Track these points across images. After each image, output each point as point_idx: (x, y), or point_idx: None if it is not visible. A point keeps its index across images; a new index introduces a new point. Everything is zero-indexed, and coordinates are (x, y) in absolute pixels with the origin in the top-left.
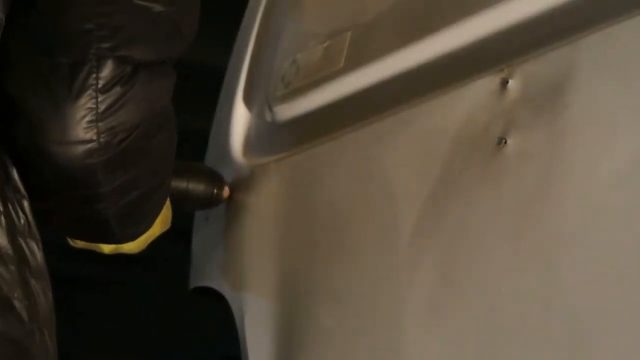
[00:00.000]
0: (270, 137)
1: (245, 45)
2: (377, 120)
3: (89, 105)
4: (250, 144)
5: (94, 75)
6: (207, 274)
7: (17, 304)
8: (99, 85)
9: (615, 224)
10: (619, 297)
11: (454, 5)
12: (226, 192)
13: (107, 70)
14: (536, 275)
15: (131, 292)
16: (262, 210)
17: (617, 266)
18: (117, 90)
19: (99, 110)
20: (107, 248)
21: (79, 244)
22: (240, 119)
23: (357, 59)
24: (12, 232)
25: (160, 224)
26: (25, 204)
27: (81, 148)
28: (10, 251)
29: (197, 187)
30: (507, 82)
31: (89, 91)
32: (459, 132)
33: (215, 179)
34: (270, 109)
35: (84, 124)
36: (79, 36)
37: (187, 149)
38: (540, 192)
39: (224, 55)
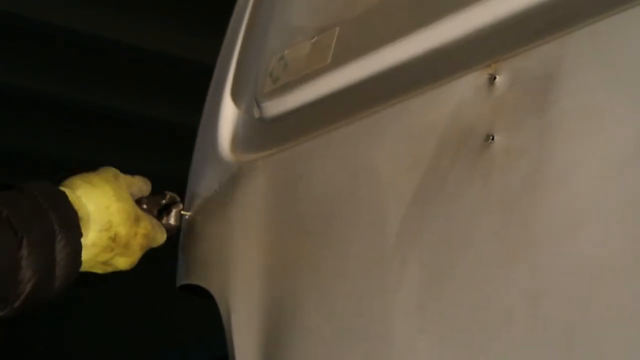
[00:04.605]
0: (258, 133)
1: (234, 41)
2: (365, 116)
3: None
4: (238, 141)
5: None
6: (194, 272)
7: None
8: None
9: (603, 220)
10: (607, 293)
11: (440, 0)
12: None
13: None
14: (524, 273)
15: (125, 292)
16: (250, 207)
17: (605, 262)
18: None
19: None
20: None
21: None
22: (228, 115)
23: (345, 55)
24: None
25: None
26: None
27: None
28: None
29: None
30: (495, 78)
31: None
32: (447, 129)
33: None
34: (258, 105)
35: None
36: None
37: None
38: (528, 188)
39: (214, 53)
